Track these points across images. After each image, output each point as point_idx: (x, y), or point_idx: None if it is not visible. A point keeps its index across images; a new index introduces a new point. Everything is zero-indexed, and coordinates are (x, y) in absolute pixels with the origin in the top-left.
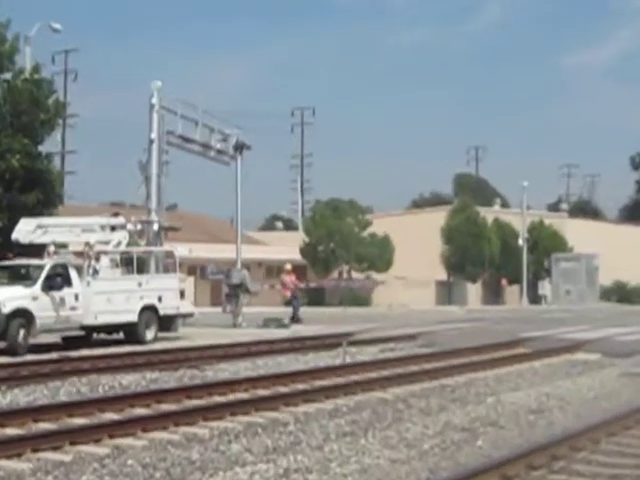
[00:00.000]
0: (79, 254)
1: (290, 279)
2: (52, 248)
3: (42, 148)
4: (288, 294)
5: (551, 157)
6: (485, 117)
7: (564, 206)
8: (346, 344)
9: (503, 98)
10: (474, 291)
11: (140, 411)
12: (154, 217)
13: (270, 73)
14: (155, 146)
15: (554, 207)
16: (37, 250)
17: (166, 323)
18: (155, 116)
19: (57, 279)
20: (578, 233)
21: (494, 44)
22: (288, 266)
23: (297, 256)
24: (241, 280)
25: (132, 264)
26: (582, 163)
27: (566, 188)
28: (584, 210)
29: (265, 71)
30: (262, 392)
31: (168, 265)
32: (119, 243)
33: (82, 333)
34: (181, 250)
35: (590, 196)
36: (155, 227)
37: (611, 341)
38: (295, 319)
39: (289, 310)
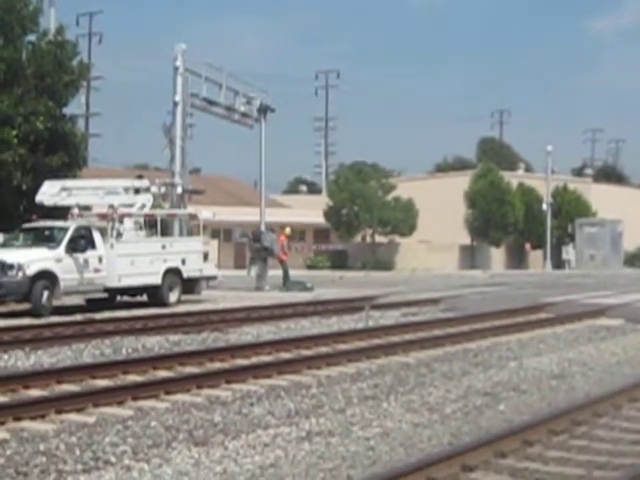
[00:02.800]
0: (103, 216)
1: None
2: (76, 210)
3: (66, 110)
4: (284, 257)
5: (576, 122)
6: (510, 81)
7: (588, 171)
8: (369, 308)
9: (528, 62)
10: (497, 256)
11: (163, 373)
12: (178, 180)
13: (295, 36)
14: (179, 109)
15: (578, 172)
16: (61, 212)
17: (189, 286)
18: (179, 79)
19: (81, 241)
20: (602, 198)
21: (521, 6)
22: (287, 229)
23: (321, 219)
24: (270, 243)
25: (156, 227)
26: (607, 128)
27: (591, 153)
28: (608, 175)
29: (290, 34)
30: (285, 355)
31: (192, 228)
32: (143, 206)
33: (106, 295)
34: (205, 213)
35: (615, 161)
36: (179, 190)
37: (634, 307)
38: (286, 284)
39: (309, 274)
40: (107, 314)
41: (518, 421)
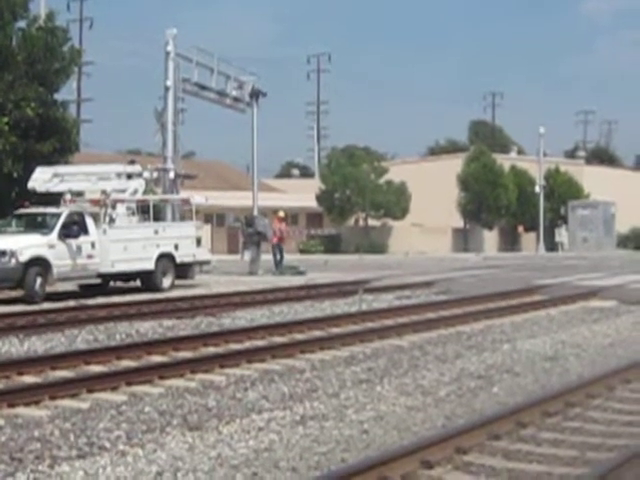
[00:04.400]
0: (95, 202)
1: (279, 226)
2: (68, 196)
3: (57, 96)
4: (275, 241)
5: (568, 104)
6: (502, 64)
7: (581, 153)
8: (362, 291)
9: (521, 44)
10: (490, 238)
11: (157, 358)
12: (170, 165)
13: (285, 20)
14: (171, 94)
15: (571, 154)
16: (53, 199)
17: (183, 271)
18: (170, 64)
19: (73, 227)
20: (595, 180)
21: None
22: (281, 213)
23: (313, 203)
24: (264, 228)
25: (148, 212)
26: (599, 110)
27: (583, 135)
28: (601, 157)
29: (280, 18)
30: (278, 339)
31: (184, 213)
32: (135, 191)
33: (99, 281)
34: (197, 198)
35: (607, 143)
36: (171, 175)
37: (627, 288)
38: (279, 268)
39: (302, 258)
40: (100, 300)
41: (512, 403)
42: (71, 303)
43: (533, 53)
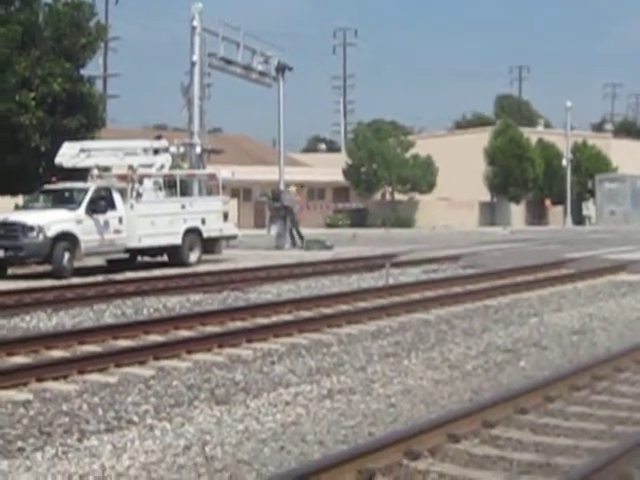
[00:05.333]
0: (122, 177)
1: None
2: (95, 171)
3: (84, 72)
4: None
5: (595, 77)
6: (529, 38)
7: (608, 126)
8: (389, 266)
9: (548, 19)
10: (518, 212)
11: (184, 333)
12: (196, 140)
13: None
14: (197, 69)
15: (598, 127)
16: (80, 174)
17: (210, 245)
18: (197, 38)
19: (101, 202)
20: (622, 153)
21: None
22: (292, 187)
23: (340, 178)
24: (290, 202)
25: (175, 187)
26: (626, 83)
27: (610, 108)
28: (629, 130)
29: None
30: (305, 314)
31: (211, 187)
32: (162, 166)
33: (126, 256)
34: (224, 172)
35: (635, 116)
36: (198, 150)
37: None
38: (295, 241)
39: (329, 232)
40: (128, 275)
41: (539, 377)
42: (99, 278)
43: (560, 27)
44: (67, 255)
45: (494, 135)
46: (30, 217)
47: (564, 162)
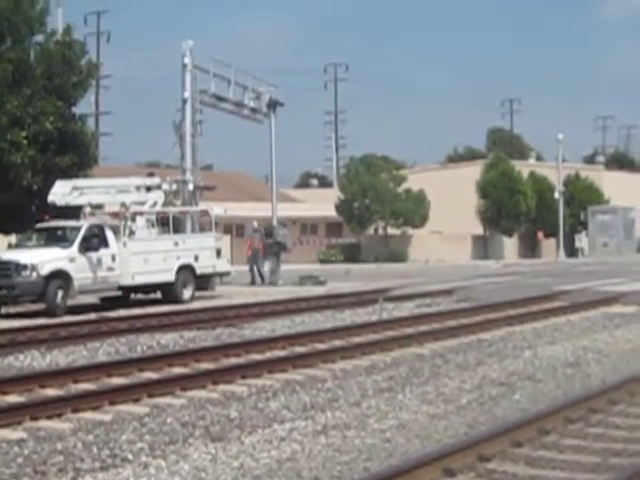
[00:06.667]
0: (115, 215)
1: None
2: (88, 209)
3: (76, 110)
4: (249, 253)
5: (586, 109)
6: (520, 70)
7: (600, 158)
8: (382, 300)
9: (538, 51)
10: (510, 245)
11: (178, 370)
12: (189, 177)
13: (303, 28)
14: (188, 106)
15: (590, 160)
16: (73, 212)
17: (203, 282)
18: (188, 75)
19: (94, 240)
20: (615, 185)
21: None
22: (255, 223)
23: (332, 213)
24: (283, 238)
25: (168, 224)
26: (617, 115)
27: (602, 140)
28: (620, 162)
29: (297, 28)
30: (299, 349)
31: (204, 224)
32: (155, 203)
33: (120, 293)
34: (217, 209)
35: (626, 148)
36: (190, 187)
37: None
38: (261, 279)
39: (322, 267)
40: (121, 312)
41: (534, 410)
42: (92, 316)
43: (550, 59)
44: (60, 293)
45: (486, 168)
46: (23, 256)
47: (556, 195)
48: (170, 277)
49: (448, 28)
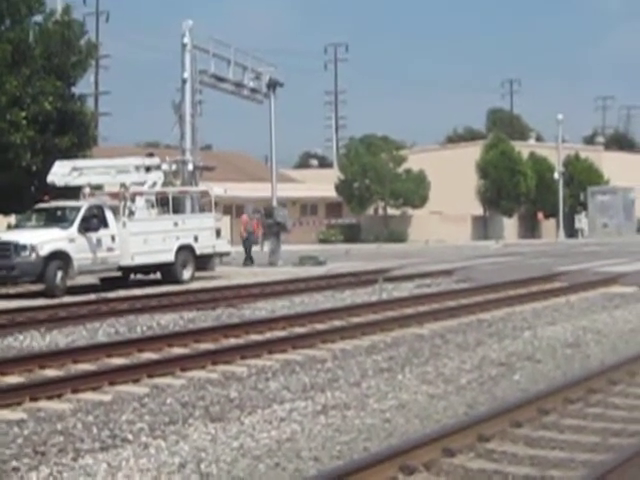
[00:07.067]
0: (115, 195)
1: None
2: (87, 190)
3: (75, 90)
4: (244, 234)
5: (586, 90)
6: (520, 51)
7: (600, 139)
8: (382, 280)
9: (539, 32)
10: (510, 225)
11: (178, 350)
12: (188, 157)
13: (302, 9)
14: (188, 86)
15: (590, 140)
16: (73, 192)
17: (203, 262)
18: (187, 56)
19: (93, 220)
20: (614, 166)
21: None
22: (250, 207)
23: (332, 193)
24: (283, 218)
25: (168, 204)
26: (617, 95)
27: (602, 121)
28: (620, 142)
29: (297, 8)
30: (299, 330)
31: (204, 205)
32: (154, 184)
33: (119, 274)
34: (216, 189)
35: (626, 128)
36: (190, 167)
37: None
38: (250, 260)
39: (322, 247)
40: (121, 293)
41: (533, 390)
42: (92, 296)
43: (551, 40)
44: (60, 274)
45: (486, 149)
46: (23, 236)
47: (556, 175)
48: (170, 257)
49: (448, 10)
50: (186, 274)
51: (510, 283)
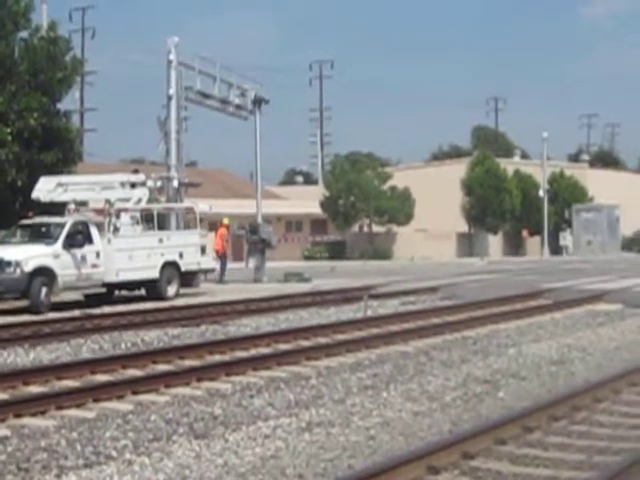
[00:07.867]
0: (99, 211)
1: (220, 233)
2: (72, 206)
3: (60, 106)
4: (221, 250)
5: (571, 108)
6: (505, 69)
7: (585, 156)
8: (367, 297)
9: (523, 49)
10: (495, 243)
11: (162, 367)
12: (174, 173)
13: (288, 27)
14: (173, 102)
15: (574, 158)
16: (58, 208)
17: (188, 279)
18: (173, 72)
19: (78, 237)
20: (599, 183)
21: None
22: (225, 220)
23: (317, 210)
24: (268, 235)
25: (153, 221)
26: (602, 113)
27: (586, 138)
28: (605, 160)
29: (282, 25)
30: (284, 346)
31: (189, 221)
32: (139, 200)
33: (104, 290)
34: (201, 206)
35: (610, 146)
36: (175, 183)
37: (632, 291)
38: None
39: (306, 264)
40: (106, 309)
41: (518, 408)
42: (76, 313)
43: (535, 57)
44: (44, 290)
45: (471, 166)
46: (7, 252)
47: (541, 192)
48: (154, 274)
49: (433, 27)
50: (171, 290)
51: (495, 300)
